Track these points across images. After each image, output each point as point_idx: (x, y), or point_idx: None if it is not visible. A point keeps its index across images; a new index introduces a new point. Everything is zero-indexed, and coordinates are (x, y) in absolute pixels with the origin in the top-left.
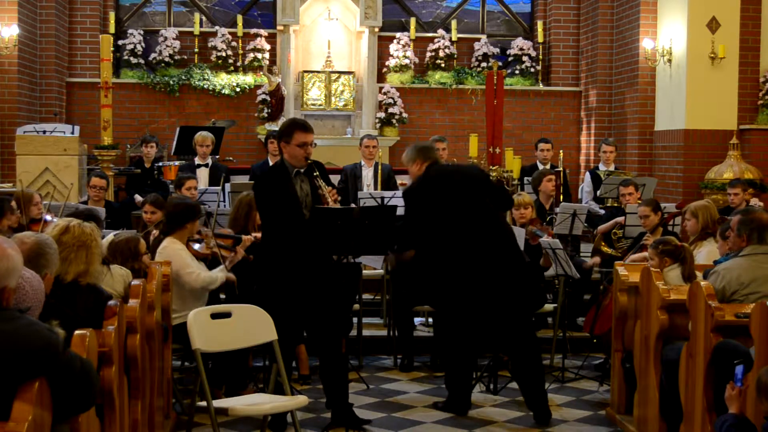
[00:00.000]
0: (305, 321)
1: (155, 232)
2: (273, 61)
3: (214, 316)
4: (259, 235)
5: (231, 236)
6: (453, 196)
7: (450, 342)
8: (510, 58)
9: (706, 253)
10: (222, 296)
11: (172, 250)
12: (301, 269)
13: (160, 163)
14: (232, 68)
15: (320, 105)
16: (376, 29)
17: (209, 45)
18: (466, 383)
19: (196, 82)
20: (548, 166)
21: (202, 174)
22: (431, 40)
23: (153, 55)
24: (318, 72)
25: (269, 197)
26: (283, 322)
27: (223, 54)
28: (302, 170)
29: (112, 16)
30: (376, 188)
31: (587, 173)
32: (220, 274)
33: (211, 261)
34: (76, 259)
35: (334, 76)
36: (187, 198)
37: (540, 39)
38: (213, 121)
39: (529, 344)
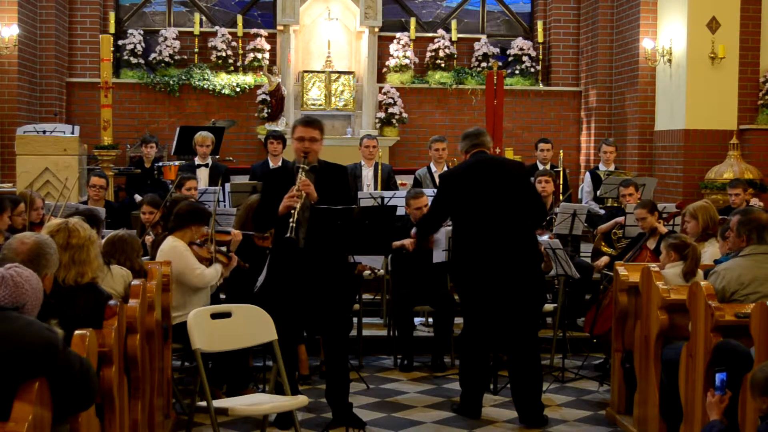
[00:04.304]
0: (305, 320)
1: (151, 234)
2: (273, 61)
3: (214, 316)
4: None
5: (225, 231)
6: (491, 189)
7: (469, 340)
8: (510, 58)
9: (709, 254)
10: (222, 296)
11: (178, 250)
12: (295, 267)
13: (160, 163)
14: (232, 68)
15: (320, 105)
16: (376, 29)
17: (209, 45)
18: (480, 385)
19: (196, 82)
20: (548, 166)
21: (202, 174)
22: (431, 40)
23: (153, 55)
24: (318, 72)
25: (268, 193)
26: (283, 322)
27: (223, 54)
28: (304, 166)
29: (112, 16)
30: (376, 188)
31: (587, 173)
32: (218, 266)
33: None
34: (74, 258)
35: (334, 76)
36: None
37: (540, 39)
38: (213, 121)
39: (532, 346)
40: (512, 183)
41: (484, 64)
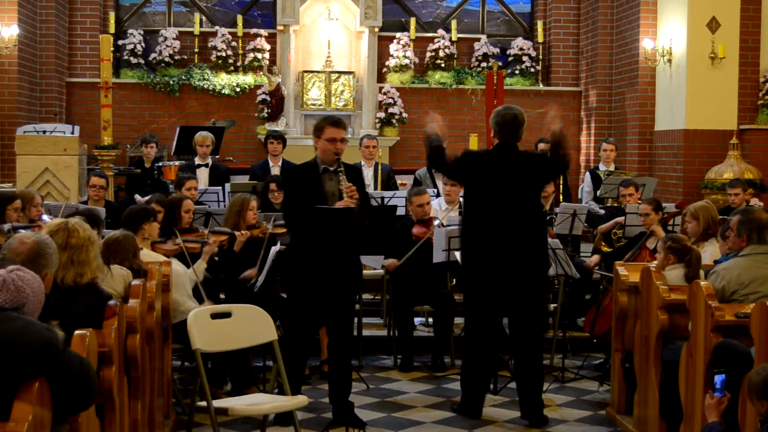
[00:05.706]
0: (322, 314)
1: None
2: (273, 61)
3: (214, 316)
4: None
5: (226, 232)
6: (507, 183)
7: (471, 340)
8: (510, 58)
9: (709, 254)
10: (222, 296)
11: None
12: (322, 263)
13: (160, 163)
14: (232, 68)
15: (320, 105)
16: (376, 29)
17: (209, 45)
18: (481, 386)
19: (196, 82)
20: None
21: (202, 174)
22: (431, 40)
23: (153, 55)
24: (318, 72)
25: (296, 192)
26: (302, 316)
27: (223, 54)
28: (332, 168)
29: (112, 16)
30: (376, 188)
31: (587, 173)
32: (196, 268)
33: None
34: (73, 258)
35: (334, 76)
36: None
37: (540, 39)
38: (213, 121)
39: (536, 346)
40: (529, 178)
41: (484, 64)
